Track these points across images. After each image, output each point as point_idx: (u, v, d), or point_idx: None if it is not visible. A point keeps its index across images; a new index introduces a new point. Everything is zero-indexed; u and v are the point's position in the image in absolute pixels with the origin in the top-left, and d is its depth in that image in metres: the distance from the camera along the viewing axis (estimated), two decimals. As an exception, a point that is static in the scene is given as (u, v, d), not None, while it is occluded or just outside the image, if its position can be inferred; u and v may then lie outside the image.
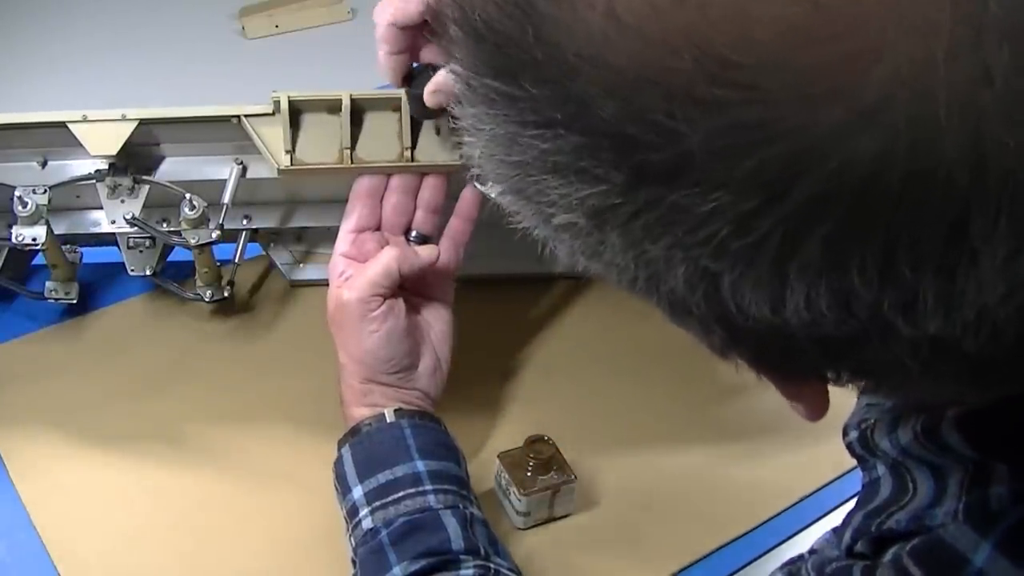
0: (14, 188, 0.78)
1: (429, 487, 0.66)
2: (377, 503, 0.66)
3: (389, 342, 0.71)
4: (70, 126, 0.75)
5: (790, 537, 0.78)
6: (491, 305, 0.91)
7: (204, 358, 0.87)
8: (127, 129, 0.75)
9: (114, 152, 0.75)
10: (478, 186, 0.74)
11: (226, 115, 0.75)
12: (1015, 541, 0.39)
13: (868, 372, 0.36)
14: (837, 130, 0.28)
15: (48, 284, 0.87)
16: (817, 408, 0.40)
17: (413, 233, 0.76)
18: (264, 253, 0.93)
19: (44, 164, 0.81)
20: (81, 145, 0.76)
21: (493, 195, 0.38)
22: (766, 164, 0.29)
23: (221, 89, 1.14)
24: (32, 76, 1.23)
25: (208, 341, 0.88)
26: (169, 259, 0.90)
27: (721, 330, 0.35)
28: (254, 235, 0.91)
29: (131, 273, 0.86)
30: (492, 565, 0.64)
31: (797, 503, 0.79)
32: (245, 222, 0.87)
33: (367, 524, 0.66)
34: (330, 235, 0.92)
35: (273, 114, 0.74)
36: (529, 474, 0.73)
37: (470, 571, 0.63)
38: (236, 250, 0.88)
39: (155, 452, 0.79)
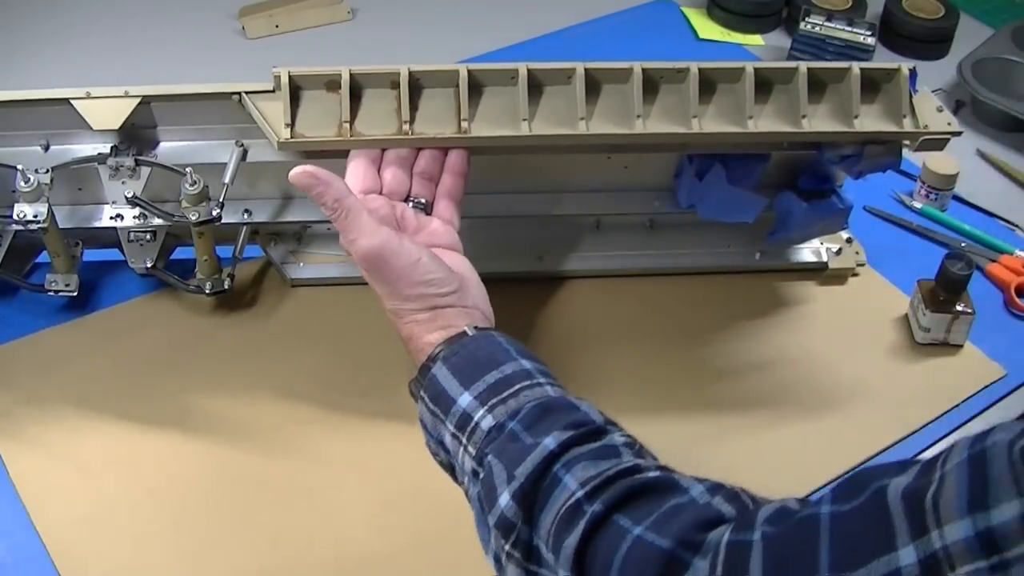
0: (16, 167, 0.79)
1: (543, 380, 0.64)
2: (495, 399, 0.62)
3: (435, 262, 0.68)
4: (73, 103, 0.75)
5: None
6: (491, 305, 0.91)
7: (204, 361, 0.87)
8: (130, 105, 0.75)
9: (117, 126, 0.76)
10: None
11: (228, 91, 0.76)
12: None
13: None
14: None
15: (48, 276, 0.87)
16: None
17: (411, 201, 0.75)
18: (264, 253, 0.94)
19: (47, 148, 0.82)
20: (84, 128, 0.77)
21: None
22: None
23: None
24: (29, 79, 1.24)
25: (208, 343, 0.88)
26: (169, 260, 0.90)
27: None
28: (253, 236, 0.91)
29: (131, 265, 0.86)
30: (633, 437, 0.61)
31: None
32: (245, 216, 0.87)
33: (488, 423, 0.61)
34: (330, 236, 0.93)
35: (274, 91, 0.74)
36: (941, 299, 0.90)
37: (621, 438, 0.60)
38: (237, 245, 0.88)
39: (155, 452, 0.80)
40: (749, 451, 0.83)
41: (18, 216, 0.78)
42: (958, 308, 0.90)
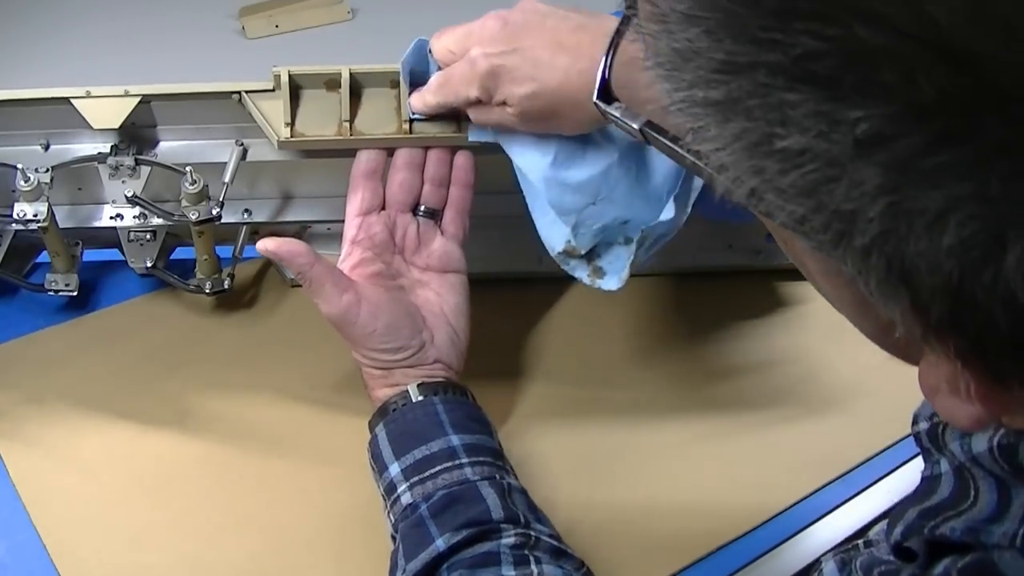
0: (16, 166, 0.79)
1: (465, 460, 0.67)
2: (415, 478, 0.66)
3: (390, 333, 0.71)
4: (73, 102, 0.75)
5: (792, 536, 0.78)
6: (491, 305, 0.91)
7: (204, 361, 0.87)
8: (130, 104, 0.75)
9: (117, 125, 0.76)
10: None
11: (228, 91, 0.76)
12: None
13: None
14: None
15: (48, 276, 0.87)
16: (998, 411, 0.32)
17: (421, 208, 0.76)
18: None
19: (47, 147, 0.82)
20: (83, 127, 0.77)
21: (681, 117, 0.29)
22: None
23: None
24: (29, 78, 1.24)
25: (208, 343, 0.88)
26: (169, 260, 0.90)
27: (944, 309, 0.27)
28: (253, 236, 0.91)
29: (131, 265, 0.85)
30: (532, 532, 0.64)
31: (799, 502, 0.80)
32: (245, 216, 0.87)
33: (406, 499, 0.66)
34: (329, 236, 0.93)
35: (274, 90, 0.75)
36: None
37: (511, 539, 0.63)
38: (236, 244, 0.88)
39: (155, 452, 0.79)
40: (749, 451, 0.83)
41: (18, 216, 0.78)
42: None
